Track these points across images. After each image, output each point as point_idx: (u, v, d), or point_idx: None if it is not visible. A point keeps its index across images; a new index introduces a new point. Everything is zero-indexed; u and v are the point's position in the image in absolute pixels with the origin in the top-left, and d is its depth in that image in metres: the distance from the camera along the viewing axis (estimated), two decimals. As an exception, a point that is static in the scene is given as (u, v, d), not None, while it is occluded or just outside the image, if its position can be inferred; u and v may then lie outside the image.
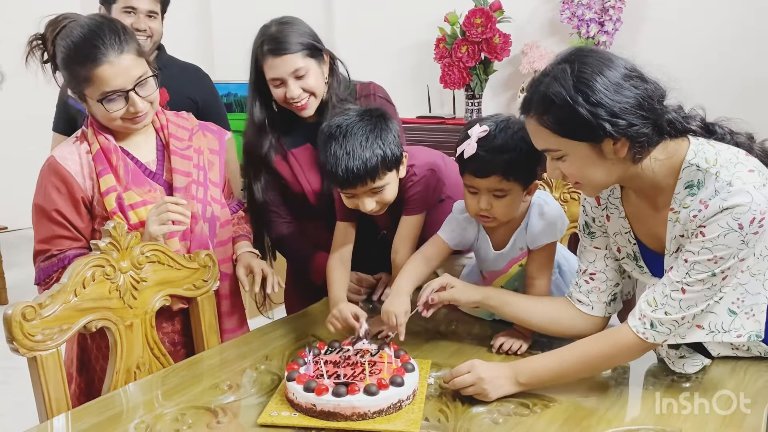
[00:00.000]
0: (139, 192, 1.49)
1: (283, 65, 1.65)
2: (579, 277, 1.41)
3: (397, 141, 1.53)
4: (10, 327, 1.24)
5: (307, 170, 1.80)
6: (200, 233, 1.56)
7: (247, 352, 1.47)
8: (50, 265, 1.45)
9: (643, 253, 1.31)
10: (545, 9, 3.05)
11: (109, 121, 1.47)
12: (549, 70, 1.16)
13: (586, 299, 1.38)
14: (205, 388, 1.31)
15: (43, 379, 1.28)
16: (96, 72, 1.41)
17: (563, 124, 1.13)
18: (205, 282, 1.55)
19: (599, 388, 1.26)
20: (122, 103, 1.44)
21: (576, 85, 1.10)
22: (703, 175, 1.15)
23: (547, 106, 1.14)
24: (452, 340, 1.50)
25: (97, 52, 1.40)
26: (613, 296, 1.39)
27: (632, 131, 1.11)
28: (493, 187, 1.39)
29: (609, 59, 1.14)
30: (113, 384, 1.40)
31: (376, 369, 1.23)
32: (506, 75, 3.11)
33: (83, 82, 1.43)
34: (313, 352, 1.29)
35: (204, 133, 1.67)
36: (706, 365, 1.30)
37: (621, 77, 1.12)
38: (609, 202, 1.34)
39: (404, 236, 1.63)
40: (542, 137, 1.18)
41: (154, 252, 1.45)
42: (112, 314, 1.39)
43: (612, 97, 1.10)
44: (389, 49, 3.31)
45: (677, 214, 1.19)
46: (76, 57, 1.43)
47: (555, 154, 1.18)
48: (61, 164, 1.46)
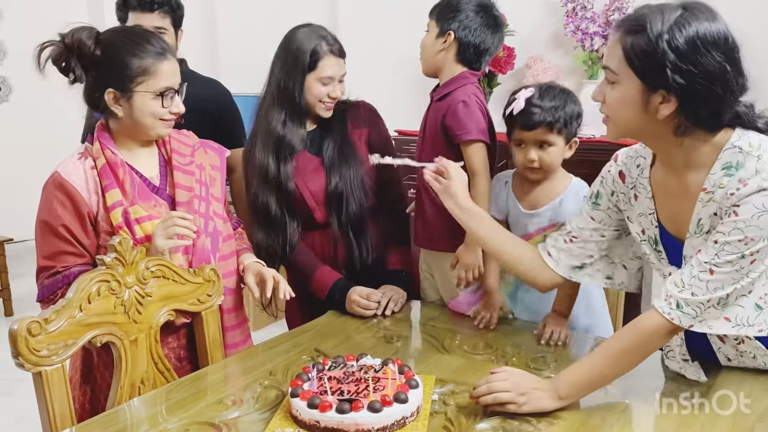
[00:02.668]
0: (144, 206, 1.50)
1: (340, 66, 1.81)
2: (560, 234, 1.46)
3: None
4: (15, 342, 1.24)
5: (303, 174, 1.84)
6: (202, 247, 1.57)
7: (251, 367, 1.47)
8: (54, 282, 1.45)
9: (663, 237, 1.30)
10: (549, 22, 3.06)
11: (153, 118, 1.49)
12: (663, 3, 1.15)
13: (556, 254, 1.45)
14: (209, 404, 1.31)
15: (48, 395, 1.28)
16: (160, 66, 1.47)
17: (636, 53, 1.13)
18: (210, 296, 1.56)
19: (604, 404, 1.26)
20: (170, 103, 1.49)
21: (672, 26, 1.10)
22: (744, 157, 1.15)
23: (637, 29, 1.13)
24: (457, 355, 1.50)
25: (158, 46, 1.48)
26: (582, 265, 1.43)
27: (686, 97, 1.11)
28: (539, 138, 1.59)
29: (716, 22, 1.12)
30: (117, 399, 1.40)
31: (380, 385, 1.22)
32: (510, 88, 3.07)
33: (141, 74, 1.45)
34: (317, 367, 1.29)
35: (205, 150, 1.68)
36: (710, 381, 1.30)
37: (714, 39, 1.10)
38: (638, 182, 1.33)
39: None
40: (613, 54, 1.17)
41: (159, 267, 1.46)
42: (117, 329, 1.40)
43: (692, 52, 1.09)
44: (392, 62, 3.33)
45: (710, 194, 1.18)
46: (137, 48, 1.46)
47: (611, 76, 1.19)
48: (66, 180, 1.46)
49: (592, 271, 1.45)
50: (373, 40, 3.36)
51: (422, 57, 1.79)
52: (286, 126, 1.81)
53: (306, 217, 1.86)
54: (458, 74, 1.75)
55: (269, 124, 1.81)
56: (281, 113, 1.81)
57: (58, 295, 1.43)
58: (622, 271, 1.46)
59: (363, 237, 1.86)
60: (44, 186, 1.49)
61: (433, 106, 1.80)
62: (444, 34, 1.72)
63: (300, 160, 1.84)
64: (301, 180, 1.83)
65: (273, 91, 1.82)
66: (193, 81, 2.19)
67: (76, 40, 1.45)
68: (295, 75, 1.79)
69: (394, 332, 1.65)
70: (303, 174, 1.84)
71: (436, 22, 1.74)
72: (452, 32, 1.71)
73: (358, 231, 1.86)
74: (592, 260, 1.43)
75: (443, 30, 1.73)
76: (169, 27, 2.13)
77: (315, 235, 1.88)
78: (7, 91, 5.06)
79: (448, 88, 1.75)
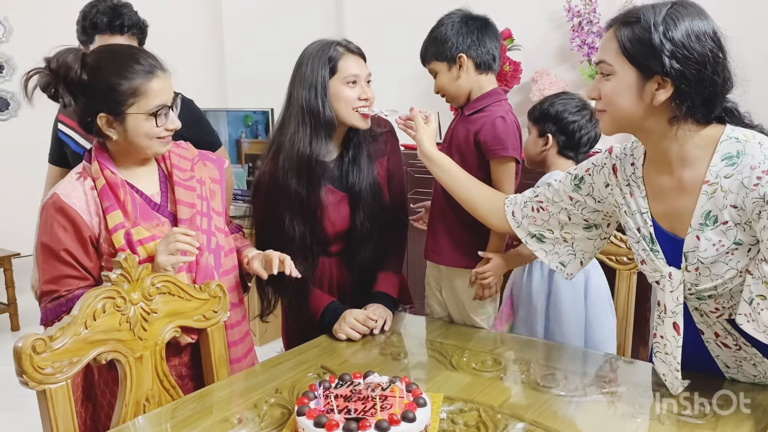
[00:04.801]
0: (147, 227, 1.48)
1: (362, 66, 1.77)
2: (531, 198, 1.51)
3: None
4: (20, 360, 1.23)
5: (329, 211, 1.79)
6: (205, 264, 1.56)
7: (257, 385, 1.45)
8: (58, 306, 1.43)
9: (658, 235, 1.29)
10: (555, 36, 3.07)
11: (149, 138, 1.46)
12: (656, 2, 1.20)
13: (519, 217, 1.53)
14: (215, 422, 1.29)
15: (52, 413, 1.27)
16: (150, 84, 1.43)
17: (631, 42, 1.17)
18: (215, 313, 1.55)
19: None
20: (164, 120, 1.46)
21: (665, 17, 1.15)
22: (744, 145, 1.16)
23: (631, 22, 1.17)
24: (465, 372, 1.48)
25: (146, 64, 1.44)
26: (541, 236, 1.50)
27: (681, 82, 1.14)
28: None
29: (704, 17, 1.17)
30: (122, 417, 1.39)
31: (388, 404, 1.21)
32: (517, 102, 3.12)
33: (130, 96, 1.42)
34: (324, 385, 1.27)
35: (204, 162, 1.66)
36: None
37: (704, 32, 1.15)
38: (632, 180, 1.33)
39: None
40: (608, 47, 1.21)
41: (165, 283, 1.45)
42: (123, 346, 1.39)
43: (685, 41, 1.14)
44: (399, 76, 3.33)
45: (714, 185, 1.18)
46: (124, 69, 1.42)
47: (605, 68, 1.22)
48: (66, 202, 1.44)
49: (550, 250, 1.50)
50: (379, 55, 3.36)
51: (450, 95, 1.78)
52: (312, 145, 1.71)
53: (322, 246, 1.82)
54: (491, 90, 1.76)
55: (295, 147, 1.72)
56: (306, 132, 1.71)
57: (61, 319, 1.39)
58: (577, 264, 1.49)
59: (372, 274, 1.86)
60: (43, 207, 1.46)
61: (462, 120, 1.78)
62: (454, 61, 1.72)
63: (325, 194, 1.78)
64: (326, 214, 1.79)
65: (296, 113, 1.73)
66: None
67: (62, 64, 1.41)
68: (317, 86, 1.71)
69: (402, 349, 1.64)
70: (328, 209, 1.79)
71: (439, 61, 1.74)
72: (462, 54, 1.71)
73: (369, 269, 1.85)
74: (551, 236, 1.48)
75: (451, 58, 1.72)
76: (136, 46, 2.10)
77: (324, 262, 1.85)
78: (15, 106, 5.10)
79: (482, 103, 1.74)
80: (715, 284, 1.21)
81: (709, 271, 1.21)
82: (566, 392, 1.36)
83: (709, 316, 1.29)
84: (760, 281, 1.15)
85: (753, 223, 1.15)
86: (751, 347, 1.28)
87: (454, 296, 1.84)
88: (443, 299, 1.89)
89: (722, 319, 1.27)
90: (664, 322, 1.27)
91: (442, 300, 1.90)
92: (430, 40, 1.76)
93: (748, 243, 1.17)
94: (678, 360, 1.26)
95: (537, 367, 1.49)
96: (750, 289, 1.17)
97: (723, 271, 1.19)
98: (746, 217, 1.15)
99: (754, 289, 1.16)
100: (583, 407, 1.32)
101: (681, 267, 1.24)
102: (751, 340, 1.26)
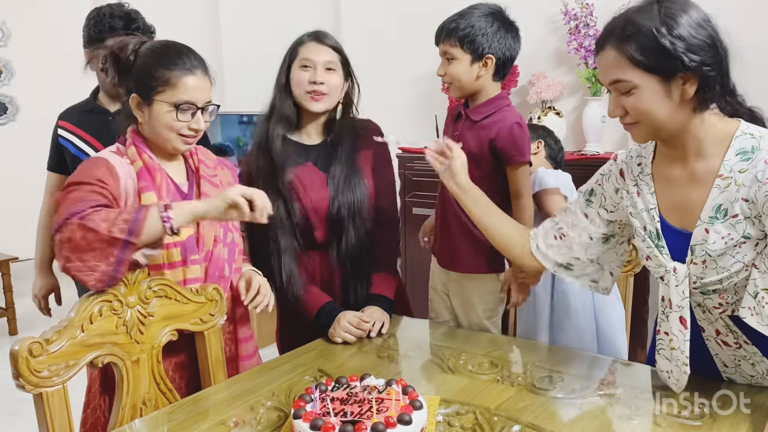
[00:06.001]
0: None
1: (322, 52, 1.80)
2: (553, 227, 1.49)
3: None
4: (16, 363, 1.23)
5: (308, 189, 1.82)
6: (218, 256, 1.57)
7: (254, 388, 1.45)
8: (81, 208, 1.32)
9: (664, 230, 1.30)
10: (552, 40, 3.07)
11: (169, 130, 1.49)
12: (635, 7, 1.20)
13: (544, 249, 1.49)
14: (212, 425, 1.29)
15: (49, 417, 1.27)
16: (183, 79, 1.48)
17: (643, 53, 1.16)
18: (212, 316, 1.55)
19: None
20: (188, 117, 1.50)
21: (663, 18, 1.15)
22: (758, 141, 1.19)
23: (631, 34, 1.17)
24: (462, 375, 1.48)
25: (188, 61, 1.50)
26: (568, 264, 1.46)
27: (705, 70, 1.15)
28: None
29: (691, 4, 1.19)
30: (119, 420, 1.39)
31: (384, 406, 1.21)
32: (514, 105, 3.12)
33: (162, 84, 1.47)
34: (320, 388, 1.27)
35: (221, 167, 1.71)
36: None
37: (701, 19, 1.17)
38: (639, 179, 1.34)
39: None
40: (617, 68, 1.20)
41: (161, 286, 1.45)
42: (119, 349, 1.39)
43: (692, 32, 1.15)
44: (397, 80, 3.35)
45: (728, 180, 1.19)
46: (166, 59, 1.49)
47: (624, 86, 1.20)
48: (112, 163, 1.46)
49: (579, 273, 1.48)
50: (377, 59, 3.38)
51: (458, 86, 1.74)
52: (273, 123, 1.82)
53: (306, 234, 1.83)
54: (497, 95, 1.76)
55: (263, 127, 1.84)
56: (273, 113, 1.83)
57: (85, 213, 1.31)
58: (608, 276, 1.49)
59: (361, 267, 1.84)
60: (80, 165, 1.48)
61: (470, 126, 1.75)
62: (481, 59, 1.70)
63: (305, 172, 1.82)
64: (305, 193, 1.81)
65: (271, 100, 1.86)
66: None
67: (120, 45, 1.52)
68: (280, 71, 1.83)
69: (398, 352, 1.64)
70: (307, 188, 1.82)
71: (464, 50, 1.70)
72: (492, 56, 1.70)
73: (356, 261, 1.84)
74: (578, 262, 1.46)
75: (479, 55, 1.70)
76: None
77: (313, 256, 1.85)
78: (14, 110, 5.10)
79: (490, 108, 1.74)
80: (720, 277, 1.22)
81: (715, 263, 1.22)
82: (563, 394, 1.36)
83: (712, 312, 1.29)
84: (766, 275, 1.16)
85: (763, 216, 1.16)
86: (751, 345, 1.28)
87: (466, 301, 1.82)
88: (451, 304, 1.88)
89: (725, 315, 1.28)
90: (669, 318, 1.28)
91: (449, 304, 1.88)
92: (462, 23, 1.70)
93: (756, 237, 1.18)
94: (686, 354, 1.27)
95: (534, 370, 1.49)
96: (755, 283, 1.18)
97: (729, 264, 1.21)
98: (757, 210, 1.17)
99: (760, 283, 1.17)
100: (581, 409, 1.31)
101: (686, 261, 1.25)
102: (752, 338, 1.27)
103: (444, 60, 1.75)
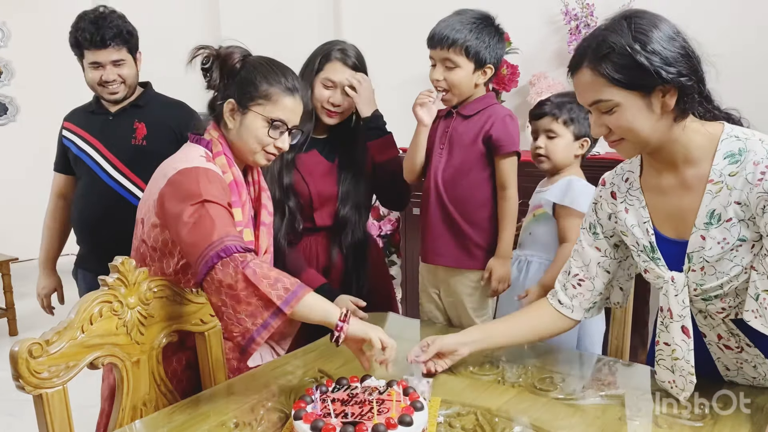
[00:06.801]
0: (249, 233, 1.54)
1: (344, 73, 1.88)
2: (567, 279, 1.46)
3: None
4: (16, 364, 1.22)
5: (313, 174, 1.90)
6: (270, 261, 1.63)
7: (255, 388, 1.45)
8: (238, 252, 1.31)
9: (659, 242, 1.30)
10: (553, 40, 3.07)
11: (257, 143, 1.52)
12: (604, 26, 1.21)
13: (569, 302, 1.46)
14: (212, 426, 1.29)
15: (49, 418, 1.26)
16: (282, 97, 1.51)
17: (620, 71, 1.16)
18: (213, 317, 1.54)
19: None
20: (277, 135, 1.52)
21: (634, 35, 1.16)
22: (744, 142, 1.18)
23: (605, 54, 1.17)
24: (463, 376, 1.48)
25: (291, 84, 1.53)
26: (594, 304, 1.45)
27: (682, 81, 1.16)
28: (546, 127, 1.81)
29: (660, 18, 1.20)
30: (119, 421, 1.39)
31: (384, 407, 1.21)
32: (514, 106, 3.13)
33: (263, 97, 1.50)
34: (321, 389, 1.27)
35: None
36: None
37: (672, 32, 1.18)
38: (628, 195, 1.35)
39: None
40: (595, 88, 1.20)
41: (162, 287, 1.45)
42: (119, 350, 1.39)
43: (665, 46, 1.16)
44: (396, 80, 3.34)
45: (719, 184, 1.19)
46: (272, 75, 1.52)
47: (605, 105, 1.20)
48: (225, 181, 1.47)
49: (600, 303, 1.49)
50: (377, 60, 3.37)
51: (456, 93, 1.79)
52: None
53: (306, 216, 1.90)
54: (485, 95, 1.84)
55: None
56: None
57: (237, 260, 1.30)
58: (618, 292, 1.49)
59: (363, 258, 1.89)
60: (184, 172, 1.42)
61: (461, 120, 1.82)
62: (482, 68, 1.76)
63: (310, 159, 1.90)
64: (310, 178, 1.89)
65: None
66: (158, 101, 2.21)
67: (228, 51, 1.54)
68: (307, 77, 1.88)
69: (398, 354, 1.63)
70: (312, 174, 1.90)
71: (469, 60, 1.74)
72: (492, 66, 1.77)
73: (359, 253, 1.90)
74: (601, 297, 1.46)
75: (481, 65, 1.75)
76: (126, 56, 2.09)
77: (311, 240, 1.92)
78: (14, 111, 5.10)
79: (480, 105, 1.81)
80: (720, 282, 1.22)
81: (714, 269, 1.22)
82: (564, 395, 1.36)
83: (714, 318, 1.29)
84: (765, 276, 1.16)
85: (757, 218, 1.16)
86: (753, 348, 1.28)
87: (454, 298, 1.83)
88: (442, 303, 1.89)
89: (728, 319, 1.28)
90: (669, 328, 1.27)
91: (441, 304, 1.89)
92: (468, 35, 1.72)
93: (751, 239, 1.18)
94: (692, 363, 1.26)
95: (534, 370, 1.49)
96: (755, 285, 1.18)
97: (728, 268, 1.20)
98: (750, 212, 1.17)
99: (760, 285, 1.17)
100: (581, 410, 1.31)
101: (684, 269, 1.25)
102: (755, 341, 1.27)
103: (441, 66, 1.76)
